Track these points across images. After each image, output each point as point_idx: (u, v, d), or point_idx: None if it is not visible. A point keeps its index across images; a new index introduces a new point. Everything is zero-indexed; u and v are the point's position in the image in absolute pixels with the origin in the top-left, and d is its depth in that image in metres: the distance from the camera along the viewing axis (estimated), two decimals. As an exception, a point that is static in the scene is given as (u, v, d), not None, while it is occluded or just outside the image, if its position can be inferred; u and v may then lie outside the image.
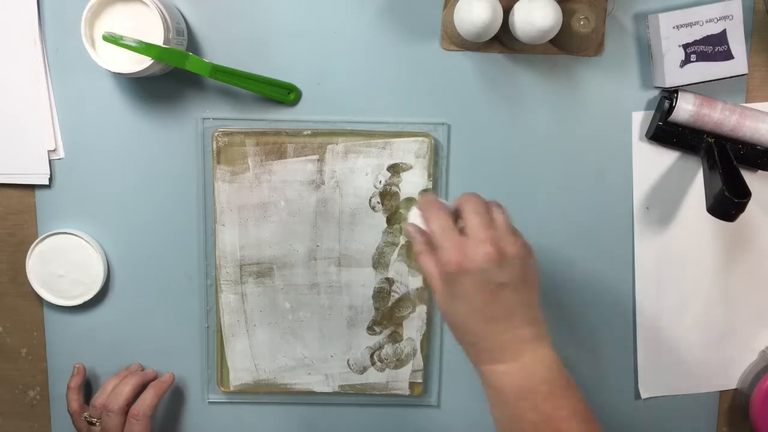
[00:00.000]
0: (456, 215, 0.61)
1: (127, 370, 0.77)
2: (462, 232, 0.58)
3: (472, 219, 0.58)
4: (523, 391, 0.57)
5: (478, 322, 0.58)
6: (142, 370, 0.77)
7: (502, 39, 0.72)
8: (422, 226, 0.61)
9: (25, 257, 0.75)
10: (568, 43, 0.71)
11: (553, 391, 0.57)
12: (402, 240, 0.76)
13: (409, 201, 0.75)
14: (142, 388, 0.74)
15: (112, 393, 0.73)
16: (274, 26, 0.73)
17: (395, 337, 0.78)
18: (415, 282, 0.77)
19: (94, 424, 0.73)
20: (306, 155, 0.74)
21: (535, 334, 0.58)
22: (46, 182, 0.75)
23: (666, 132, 0.73)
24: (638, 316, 0.78)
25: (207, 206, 0.75)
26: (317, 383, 0.79)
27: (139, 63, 0.66)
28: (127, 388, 0.73)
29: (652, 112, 0.75)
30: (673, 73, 0.71)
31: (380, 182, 0.75)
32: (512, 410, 0.57)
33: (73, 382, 0.75)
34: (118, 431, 0.72)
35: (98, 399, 0.73)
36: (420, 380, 0.78)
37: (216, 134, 0.73)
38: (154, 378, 0.76)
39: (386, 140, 0.74)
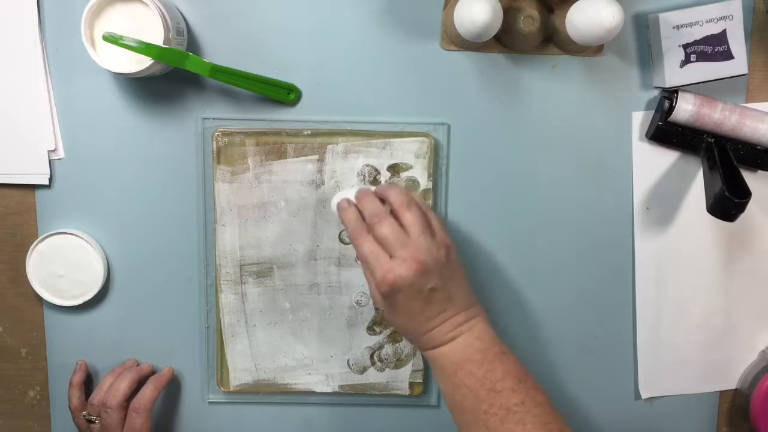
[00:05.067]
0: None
1: (122, 366, 0.77)
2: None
3: (388, 241, 0.62)
4: (460, 362, 0.63)
5: (418, 323, 0.64)
6: (138, 365, 0.77)
7: (502, 39, 0.72)
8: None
9: (25, 257, 0.75)
10: (568, 43, 0.71)
11: (485, 358, 0.63)
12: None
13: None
14: (138, 383, 0.75)
15: (109, 390, 0.73)
16: (274, 26, 0.73)
17: (395, 337, 0.78)
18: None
19: (93, 422, 0.73)
20: (306, 155, 0.74)
21: (469, 315, 0.65)
22: (46, 182, 0.75)
23: (666, 132, 0.73)
24: (638, 316, 0.78)
25: (207, 206, 0.75)
26: (317, 383, 0.79)
27: (139, 63, 0.66)
28: (124, 384, 0.73)
29: (652, 112, 0.75)
30: (673, 73, 0.71)
31: (380, 182, 0.75)
32: (453, 380, 0.63)
33: (75, 378, 0.76)
34: (117, 427, 0.72)
35: (96, 397, 0.73)
36: (420, 380, 0.78)
37: (216, 134, 0.73)
38: (150, 373, 0.77)
39: (386, 140, 0.74)
